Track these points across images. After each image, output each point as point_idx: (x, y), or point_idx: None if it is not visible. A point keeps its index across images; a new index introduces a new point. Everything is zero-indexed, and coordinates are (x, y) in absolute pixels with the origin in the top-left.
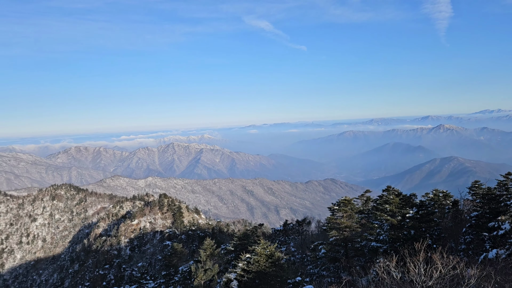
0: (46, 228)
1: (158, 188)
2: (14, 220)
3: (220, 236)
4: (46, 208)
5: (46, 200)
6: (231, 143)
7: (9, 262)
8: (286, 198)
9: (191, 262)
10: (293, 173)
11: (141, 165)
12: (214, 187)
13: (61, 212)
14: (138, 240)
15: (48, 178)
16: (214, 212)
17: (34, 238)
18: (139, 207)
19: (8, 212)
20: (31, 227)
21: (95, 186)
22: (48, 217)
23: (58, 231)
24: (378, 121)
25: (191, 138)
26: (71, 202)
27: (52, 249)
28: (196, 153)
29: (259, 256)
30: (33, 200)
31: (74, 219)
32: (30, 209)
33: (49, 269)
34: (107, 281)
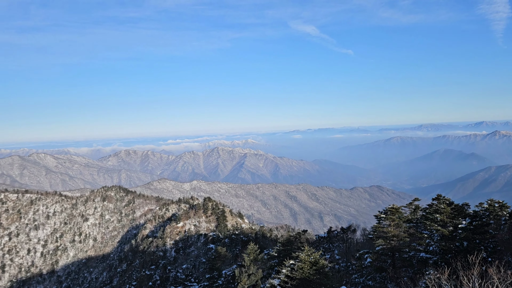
0: (97, 228)
1: (203, 192)
2: (68, 219)
3: (263, 241)
4: (97, 208)
5: (97, 201)
6: (274, 148)
7: (63, 259)
8: (330, 204)
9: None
10: (337, 179)
11: (186, 169)
12: (257, 191)
13: (111, 213)
14: (183, 242)
15: (100, 180)
16: (257, 217)
17: (86, 237)
18: (184, 210)
19: (63, 211)
20: (83, 227)
21: (142, 189)
22: (99, 217)
23: (107, 231)
24: (428, 126)
25: (235, 143)
26: (120, 204)
27: (102, 248)
28: (240, 157)
29: (303, 263)
30: (85, 200)
31: (122, 220)
32: (83, 209)
33: (99, 268)
34: (153, 282)
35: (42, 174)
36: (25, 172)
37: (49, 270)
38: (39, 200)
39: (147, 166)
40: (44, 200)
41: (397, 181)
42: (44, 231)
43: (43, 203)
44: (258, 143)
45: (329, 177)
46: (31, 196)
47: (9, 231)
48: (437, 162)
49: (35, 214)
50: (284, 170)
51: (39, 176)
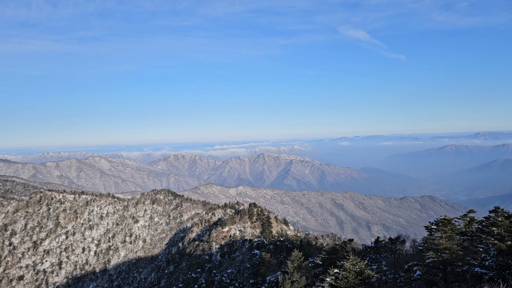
0: (146, 229)
1: (248, 197)
2: (120, 220)
3: (308, 248)
4: (147, 211)
5: (147, 204)
6: (321, 155)
7: (114, 259)
8: (378, 214)
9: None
10: (386, 188)
11: (232, 174)
12: (303, 199)
13: (160, 215)
14: (228, 247)
15: (150, 183)
16: (302, 224)
17: (136, 238)
18: (230, 215)
19: (115, 213)
20: (134, 228)
21: (190, 193)
22: (148, 220)
23: (156, 233)
24: (485, 135)
25: (281, 149)
26: (169, 207)
27: (151, 249)
28: (286, 164)
29: (348, 272)
30: (136, 203)
31: (170, 223)
32: (133, 211)
33: (148, 268)
34: (199, 285)
35: (97, 176)
36: (82, 174)
37: (102, 268)
38: (93, 201)
39: (194, 171)
40: (98, 202)
41: (450, 191)
42: (98, 231)
43: (97, 204)
44: (304, 150)
45: (377, 185)
46: (87, 197)
47: (66, 229)
48: (495, 173)
49: (90, 215)
50: (330, 177)
51: (94, 178)
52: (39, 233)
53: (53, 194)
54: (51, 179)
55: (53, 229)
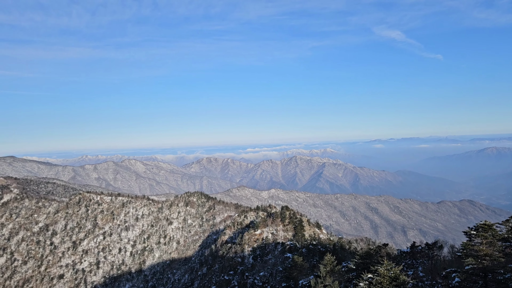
0: (180, 231)
1: (280, 200)
2: (154, 222)
3: (342, 253)
4: (180, 213)
5: (181, 206)
6: (354, 157)
7: (149, 260)
8: (414, 218)
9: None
10: (422, 191)
11: (264, 177)
12: (336, 202)
13: (193, 217)
14: (260, 249)
15: (183, 186)
16: (335, 227)
17: (170, 239)
18: (262, 217)
19: (150, 214)
20: (168, 230)
21: (222, 195)
22: (182, 222)
23: (190, 235)
24: None
25: (313, 152)
26: (202, 209)
27: (184, 251)
28: (318, 167)
29: (382, 278)
30: (170, 205)
31: (203, 225)
32: (167, 213)
33: (182, 270)
34: (231, 287)
35: (133, 179)
36: (118, 176)
37: (137, 269)
38: (129, 203)
39: (227, 174)
40: (134, 203)
41: (492, 195)
42: (133, 232)
43: (133, 206)
44: (337, 153)
45: (413, 189)
46: (123, 199)
47: (103, 230)
48: None
49: (126, 216)
50: (364, 180)
51: (130, 181)
52: (78, 234)
53: (91, 196)
54: (89, 181)
55: (91, 229)
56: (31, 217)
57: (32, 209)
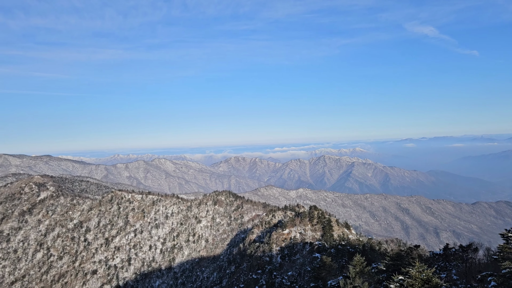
0: (208, 230)
1: (309, 200)
2: (183, 220)
3: (371, 253)
4: (209, 211)
5: (209, 205)
6: (384, 157)
7: (179, 257)
8: (447, 219)
9: (340, 277)
10: (456, 192)
11: (292, 176)
12: (365, 202)
13: (221, 216)
14: (288, 249)
15: (211, 185)
16: (365, 228)
17: (199, 238)
18: (290, 217)
19: (179, 213)
20: (197, 228)
21: (250, 194)
22: (210, 220)
23: (218, 234)
24: None
25: (342, 151)
26: (230, 208)
27: (213, 249)
28: (347, 166)
29: (413, 280)
30: (198, 203)
31: (231, 224)
32: (196, 211)
33: (210, 268)
34: (259, 286)
35: (162, 177)
36: (149, 175)
37: (167, 266)
38: (159, 201)
39: (254, 173)
40: (164, 202)
41: None
42: (163, 230)
43: (163, 204)
44: (366, 152)
45: (446, 189)
46: (153, 198)
47: (134, 228)
48: None
49: (156, 214)
50: (394, 180)
51: (159, 179)
52: (110, 230)
53: (123, 194)
54: (121, 179)
55: (123, 227)
56: (66, 214)
57: (67, 206)
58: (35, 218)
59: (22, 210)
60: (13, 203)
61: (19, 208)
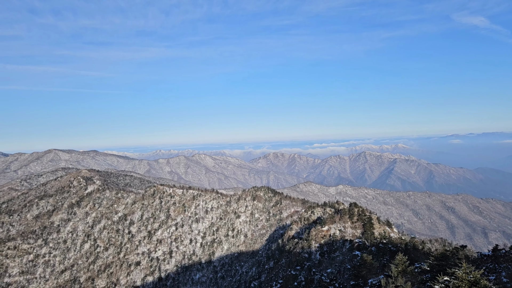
0: (247, 225)
1: (349, 197)
2: (223, 215)
3: (414, 253)
4: (248, 207)
5: (248, 200)
6: (428, 153)
7: (218, 251)
8: (497, 219)
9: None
10: (507, 191)
11: (332, 173)
12: (408, 200)
13: (260, 212)
14: (327, 246)
15: (250, 180)
16: (407, 226)
17: (238, 233)
18: (330, 214)
19: (219, 207)
20: (236, 223)
21: (289, 190)
22: (249, 215)
23: (257, 229)
24: None
25: (383, 147)
26: (268, 204)
27: (251, 244)
28: (389, 163)
29: (460, 281)
30: (237, 199)
31: (270, 219)
32: (235, 206)
33: (249, 263)
34: (298, 282)
35: (202, 172)
36: (189, 170)
37: (207, 260)
38: (199, 196)
39: (293, 169)
40: (204, 196)
41: None
42: (203, 224)
43: (203, 199)
44: (409, 148)
45: (495, 188)
46: (193, 192)
47: (175, 221)
48: None
49: (196, 208)
50: (439, 178)
51: (199, 175)
52: (153, 224)
53: (165, 188)
54: (162, 174)
55: (165, 220)
56: (111, 207)
57: (112, 199)
58: (83, 211)
59: (71, 203)
60: (63, 195)
61: (68, 201)
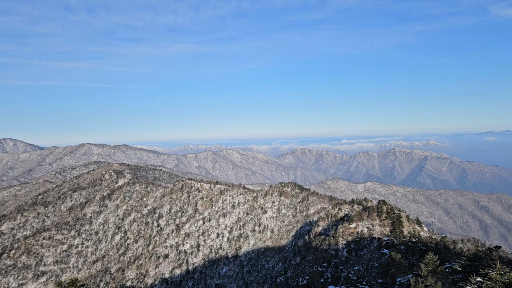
0: (274, 220)
1: (377, 194)
2: (250, 210)
3: (445, 252)
4: (274, 202)
5: (275, 196)
6: (461, 151)
7: (245, 246)
8: None
9: (410, 275)
10: None
11: (360, 170)
12: (439, 198)
13: (287, 207)
14: (355, 243)
15: (277, 176)
16: (438, 225)
17: (264, 228)
18: (357, 211)
19: (246, 203)
20: (262, 218)
21: (316, 187)
22: (276, 211)
23: (283, 225)
24: None
25: (414, 144)
26: (295, 200)
27: (278, 240)
28: (420, 160)
29: (494, 283)
30: (264, 194)
31: (297, 216)
32: (262, 202)
33: (275, 258)
34: (325, 279)
35: (230, 168)
36: (216, 165)
37: (234, 254)
38: (226, 191)
39: (321, 165)
40: (231, 192)
41: None
42: (230, 219)
43: (230, 194)
44: (441, 145)
45: None
46: (221, 187)
47: (203, 216)
48: None
49: (223, 203)
50: (472, 176)
51: (227, 170)
52: (181, 217)
53: (193, 183)
54: (190, 169)
55: (192, 214)
56: (141, 200)
57: (142, 193)
58: (113, 203)
59: (102, 195)
60: (95, 188)
61: (100, 193)
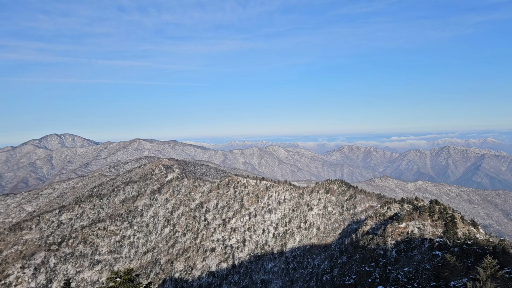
0: (320, 218)
1: (429, 193)
2: (295, 207)
3: (504, 257)
4: (320, 200)
5: (321, 193)
6: None
7: (290, 243)
8: None
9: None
10: None
11: (411, 168)
12: (497, 199)
13: (333, 205)
14: (404, 244)
15: (323, 173)
16: (496, 228)
17: (310, 225)
18: (407, 210)
19: (291, 199)
20: (308, 215)
21: (364, 185)
22: (322, 208)
23: (330, 222)
24: None
25: (470, 142)
26: (342, 197)
27: (324, 238)
28: (476, 158)
29: None
30: (310, 191)
31: (344, 214)
32: (308, 199)
33: (321, 256)
34: (372, 279)
35: (275, 164)
36: (262, 161)
37: (279, 250)
38: (272, 187)
39: (369, 163)
40: (276, 188)
41: None
42: (276, 215)
43: (276, 190)
44: (500, 143)
45: None
46: (266, 183)
47: (249, 211)
48: None
49: (269, 199)
50: None
51: (272, 166)
52: (227, 212)
53: (239, 178)
54: (237, 164)
55: (239, 209)
56: (189, 194)
57: (190, 187)
58: (163, 197)
59: (153, 189)
60: (146, 182)
61: (150, 187)
